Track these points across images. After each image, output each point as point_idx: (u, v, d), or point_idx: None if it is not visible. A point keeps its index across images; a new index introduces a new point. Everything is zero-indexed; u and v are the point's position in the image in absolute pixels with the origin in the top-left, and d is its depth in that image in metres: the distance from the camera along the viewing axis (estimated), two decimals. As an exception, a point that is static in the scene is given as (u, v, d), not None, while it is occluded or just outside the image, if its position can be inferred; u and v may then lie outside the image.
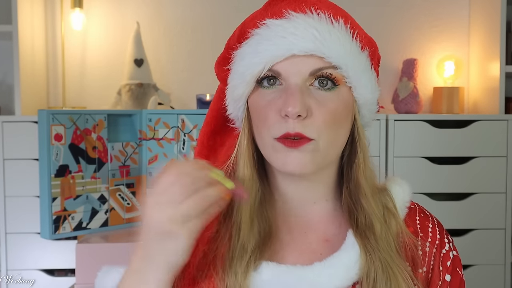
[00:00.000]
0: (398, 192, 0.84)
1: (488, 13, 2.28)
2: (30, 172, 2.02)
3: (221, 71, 0.86)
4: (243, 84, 0.78)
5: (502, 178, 2.08)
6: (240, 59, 0.79)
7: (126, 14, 2.42)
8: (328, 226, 0.83)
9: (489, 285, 2.10)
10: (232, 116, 0.85)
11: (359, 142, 0.81)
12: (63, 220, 1.74)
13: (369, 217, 0.79)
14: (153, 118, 1.92)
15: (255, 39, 0.78)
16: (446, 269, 0.81)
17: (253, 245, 0.77)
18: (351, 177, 0.81)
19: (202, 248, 0.79)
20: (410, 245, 0.80)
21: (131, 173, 1.92)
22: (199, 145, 0.92)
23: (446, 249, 0.82)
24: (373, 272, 0.75)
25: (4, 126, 2.03)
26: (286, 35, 0.74)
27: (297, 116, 0.73)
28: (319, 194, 0.83)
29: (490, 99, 2.24)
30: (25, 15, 2.17)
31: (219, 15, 2.41)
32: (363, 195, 0.80)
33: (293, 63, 0.75)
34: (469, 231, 2.10)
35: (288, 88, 0.74)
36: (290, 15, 0.76)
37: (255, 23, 0.78)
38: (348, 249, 0.77)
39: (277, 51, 0.74)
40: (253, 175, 0.81)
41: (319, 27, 0.75)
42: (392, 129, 2.07)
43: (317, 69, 0.75)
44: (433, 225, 0.84)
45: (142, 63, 2.27)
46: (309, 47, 0.74)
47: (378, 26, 2.45)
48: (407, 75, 2.32)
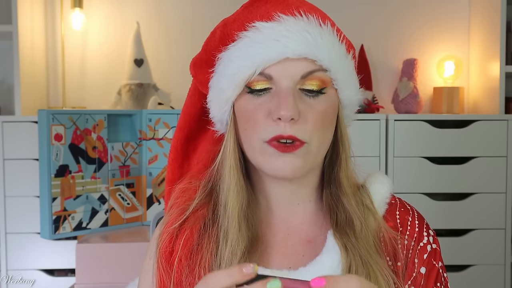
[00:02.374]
0: (378, 189, 0.84)
1: (488, 13, 2.28)
2: (30, 172, 2.02)
3: (199, 74, 0.84)
4: (232, 87, 0.77)
5: (502, 178, 2.08)
6: (228, 62, 0.78)
7: (126, 14, 2.42)
8: (311, 226, 0.83)
9: (489, 285, 2.10)
10: (216, 119, 0.83)
11: (342, 142, 0.81)
12: (63, 220, 1.74)
13: (349, 215, 0.80)
14: (153, 118, 1.92)
15: (244, 41, 0.77)
16: (422, 261, 0.81)
17: (242, 250, 0.76)
18: (333, 177, 0.82)
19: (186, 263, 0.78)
20: (391, 239, 0.81)
21: (131, 173, 1.92)
22: (173, 151, 0.90)
23: (424, 242, 0.83)
24: (354, 268, 0.76)
25: (4, 126, 2.03)
26: (280, 38, 0.74)
27: (290, 120, 0.73)
28: (303, 195, 0.83)
29: (490, 99, 2.24)
30: (25, 15, 2.17)
31: (219, 15, 2.39)
32: (344, 194, 0.81)
33: (285, 66, 0.74)
34: (469, 231, 2.09)
35: (280, 92, 0.74)
36: (280, 18, 0.76)
37: (242, 25, 0.78)
38: (329, 251, 0.77)
39: (269, 54, 0.74)
40: (239, 179, 0.80)
41: (311, 30, 0.75)
42: (392, 129, 2.07)
43: (308, 72, 0.75)
44: (413, 219, 0.84)
45: (142, 63, 2.27)
46: (303, 50, 0.74)
47: (378, 25, 2.45)
48: (407, 75, 2.32)
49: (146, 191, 1.95)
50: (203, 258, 0.78)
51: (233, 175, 0.79)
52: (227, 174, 0.79)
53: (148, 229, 1.92)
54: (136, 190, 1.93)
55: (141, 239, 1.77)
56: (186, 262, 0.78)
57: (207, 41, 0.84)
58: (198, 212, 0.82)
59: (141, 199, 1.95)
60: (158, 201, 1.95)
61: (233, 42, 0.78)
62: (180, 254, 0.76)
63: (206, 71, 0.82)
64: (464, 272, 2.09)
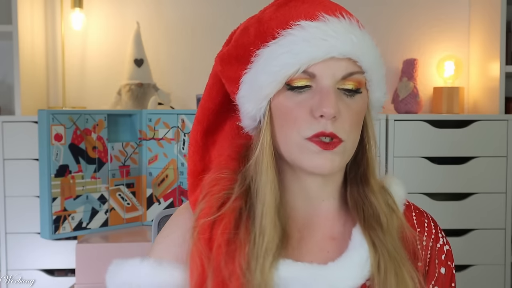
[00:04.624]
0: (396, 190, 0.88)
1: (488, 13, 2.28)
2: (30, 172, 2.02)
3: (228, 69, 0.84)
4: (273, 84, 0.78)
5: (502, 178, 2.08)
6: (270, 59, 0.78)
7: (126, 14, 2.42)
8: (334, 223, 0.85)
9: (489, 285, 2.09)
10: (248, 115, 0.83)
11: (369, 141, 0.84)
12: (63, 220, 1.74)
13: (376, 211, 0.82)
14: (153, 118, 1.92)
15: (288, 39, 0.77)
16: (441, 262, 0.85)
17: (277, 244, 0.78)
18: (360, 175, 0.84)
19: (225, 250, 0.79)
20: (411, 239, 0.83)
21: (131, 173, 1.92)
22: (193, 144, 0.91)
23: (441, 243, 0.86)
24: (383, 264, 0.78)
25: (4, 126, 2.03)
26: (327, 38, 0.76)
27: (332, 117, 0.75)
28: (328, 192, 0.85)
29: (490, 99, 2.24)
30: (25, 15, 2.17)
31: (219, 15, 2.41)
32: (372, 192, 0.83)
33: (329, 65, 0.76)
34: (469, 231, 2.09)
35: (322, 90, 0.76)
36: (324, 18, 0.77)
37: (285, 22, 0.78)
38: (357, 248, 0.80)
39: (316, 52, 0.75)
40: (275, 176, 0.81)
41: (354, 32, 0.78)
42: (392, 129, 2.07)
43: (349, 73, 0.77)
44: (428, 220, 0.88)
45: (142, 63, 2.27)
46: (347, 51, 0.76)
47: (378, 26, 2.45)
48: (407, 75, 2.32)
49: (146, 191, 1.95)
50: (241, 248, 0.78)
51: (270, 172, 0.80)
52: (264, 171, 0.80)
53: (148, 229, 1.92)
54: (136, 190, 1.93)
55: (141, 239, 1.77)
56: (225, 249, 0.79)
57: (239, 36, 0.83)
58: (235, 203, 0.82)
59: (141, 199, 1.95)
60: (158, 201, 1.95)
61: (274, 40, 0.78)
62: (219, 240, 0.77)
63: (238, 67, 0.82)
64: (464, 272, 2.09)
